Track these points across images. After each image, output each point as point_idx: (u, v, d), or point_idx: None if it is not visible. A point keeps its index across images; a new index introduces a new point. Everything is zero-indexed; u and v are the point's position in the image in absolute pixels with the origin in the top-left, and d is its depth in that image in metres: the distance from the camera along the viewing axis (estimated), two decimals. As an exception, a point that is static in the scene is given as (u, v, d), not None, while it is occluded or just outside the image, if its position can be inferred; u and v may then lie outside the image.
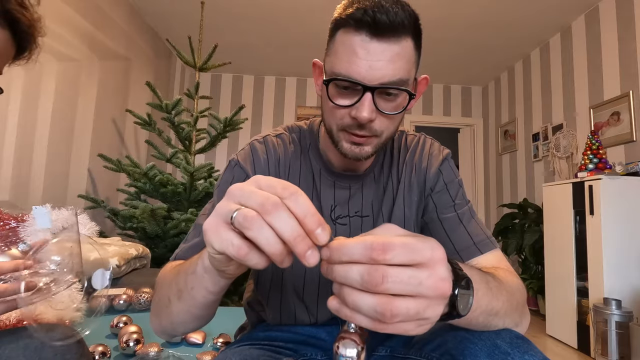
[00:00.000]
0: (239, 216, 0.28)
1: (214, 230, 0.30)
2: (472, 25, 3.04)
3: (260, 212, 0.28)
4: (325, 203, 0.63)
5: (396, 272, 0.26)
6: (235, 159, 0.62)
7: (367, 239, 0.27)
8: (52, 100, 2.04)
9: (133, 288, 1.35)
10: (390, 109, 0.53)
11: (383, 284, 0.26)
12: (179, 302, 0.45)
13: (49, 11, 1.96)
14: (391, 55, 0.49)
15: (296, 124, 0.69)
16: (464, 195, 0.64)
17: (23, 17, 0.56)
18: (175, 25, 3.18)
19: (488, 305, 0.41)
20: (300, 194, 0.29)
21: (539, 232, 2.87)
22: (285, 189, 0.29)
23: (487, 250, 0.58)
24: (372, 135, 0.54)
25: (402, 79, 0.50)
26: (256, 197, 0.29)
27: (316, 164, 0.65)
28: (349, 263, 0.28)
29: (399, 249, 0.27)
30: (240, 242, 0.29)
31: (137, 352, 0.89)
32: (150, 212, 1.93)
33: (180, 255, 0.57)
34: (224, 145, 4.05)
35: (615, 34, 2.53)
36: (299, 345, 0.60)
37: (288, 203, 0.28)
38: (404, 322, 0.27)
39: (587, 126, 2.75)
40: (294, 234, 0.28)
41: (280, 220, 0.28)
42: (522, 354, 0.41)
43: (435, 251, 0.28)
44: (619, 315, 1.90)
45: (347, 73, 0.50)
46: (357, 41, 0.49)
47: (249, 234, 0.28)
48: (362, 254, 0.27)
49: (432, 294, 0.27)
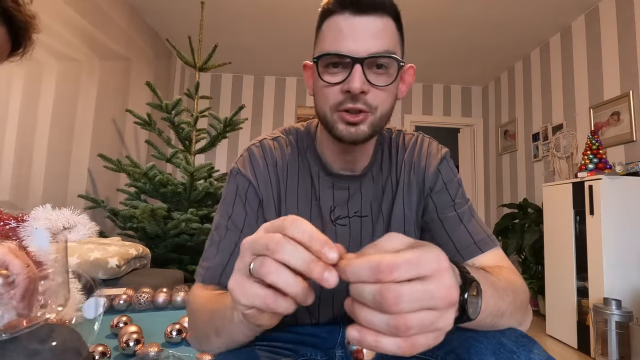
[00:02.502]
0: (255, 265, 0.29)
1: (240, 287, 0.31)
2: (472, 25, 3.04)
3: (269, 255, 0.29)
4: (324, 204, 0.63)
5: (409, 291, 0.26)
6: (236, 168, 0.62)
7: (372, 259, 0.27)
8: (52, 100, 2.04)
9: (133, 288, 1.35)
10: (381, 82, 0.53)
11: (398, 305, 0.26)
12: (218, 338, 0.47)
13: (49, 11, 1.96)
14: (376, 30, 0.51)
15: (293, 126, 0.69)
16: (463, 194, 0.64)
17: (18, 14, 0.58)
18: (175, 25, 3.18)
19: (495, 307, 0.41)
20: (299, 220, 0.30)
21: (539, 232, 2.87)
22: (284, 221, 0.30)
23: (488, 249, 0.58)
24: (366, 112, 0.54)
25: (389, 50, 0.52)
26: (262, 241, 0.30)
27: (314, 166, 0.64)
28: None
29: (404, 266, 0.27)
30: (265, 291, 0.30)
31: (137, 352, 0.89)
32: (150, 212, 1.93)
33: (208, 279, 0.57)
34: (224, 145, 4.05)
35: (615, 33, 2.53)
36: (298, 346, 0.60)
37: (290, 233, 0.29)
38: (422, 335, 0.27)
39: (587, 126, 2.75)
40: (304, 261, 0.28)
41: (287, 253, 0.28)
42: (527, 352, 0.41)
43: (440, 262, 0.28)
44: (619, 315, 1.90)
45: (335, 49, 0.52)
46: (341, 20, 0.52)
47: (268, 279, 0.29)
48: (368, 275, 0.27)
49: (442, 304, 0.27)
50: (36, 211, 0.50)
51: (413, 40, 3.27)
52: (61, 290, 0.50)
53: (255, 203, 0.60)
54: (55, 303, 0.49)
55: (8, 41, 0.59)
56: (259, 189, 0.61)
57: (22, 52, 0.63)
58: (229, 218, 0.59)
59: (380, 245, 0.30)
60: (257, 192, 0.61)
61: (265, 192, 0.61)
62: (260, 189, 0.61)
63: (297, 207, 0.62)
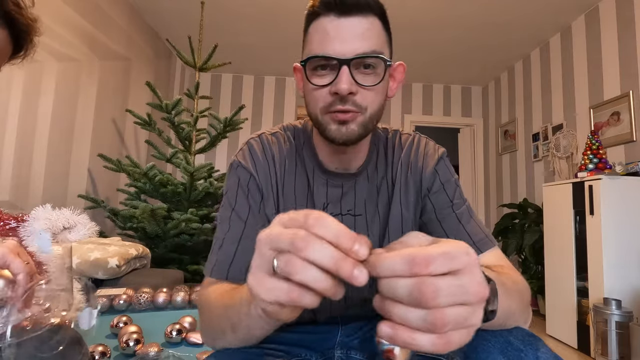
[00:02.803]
0: (280, 263, 0.28)
1: (260, 284, 0.30)
2: (472, 25, 3.04)
3: (294, 252, 0.28)
4: (317, 201, 0.63)
5: (446, 285, 0.26)
6: (237, 161, 0.62)
7: (406, 253, 0.27)
8: (52, 100, 2.04)
9: (133, 288, 1.35)
10: (369, 82, 0.53)
11: (435, 299, 0.26)
12: (234, 334, 0.45)
13: (49, 11, 1.96)
14: (362, 30, 0.51)
15: (291, 124, 0.69)
16: (461, 194, 0.64)
17: (21, 17, 0.58)
18: (175, 25, 3.18)
19: (507, 306, 0.42)
20: (326, 217, 0.29)
21: (539, 232, 2.87)
22: (308, 217, 0.29)
23: (487, 249, 0.58)
24: (356, 111, 0.54)
25: (375, 50, 0.52)
26: (285, 238, 0.28)
27: (310, 163, 0.65)
28: (392, 277, 0.27)
29: (440, 259, 0.26)
30: (289, 286, 0.28)
31: (137, 352, 0.89)
32: (150, 212, 1.93)
33: (216, 272, 0.56)
34: (224, 145, 4.05)
35: (615, 34, 2.53)
36: (292, 347, 0.60)
37: (316, 231, 0.28)
38: (456, 331, 0.27)
39: (587, 126, 2.75)
40: (333, 259, 0.27)
41: (316, 252, 0.27)
42: (534, 350, 0.41)
43: (470, 256, 0.27)
44: (619, 315, 1.90)
45: (321, 51, 0.52)
46: (326, 22, 0.52)
47: (296, 278, 0.28)
48: (403, 269, 0.26)
49: (474, 299, 0.27)
50: (36, 211, 0.50)
51: (413, 41, 3.27)
52: (64, 294, 0.50)
53: (257, 194, 0.61)
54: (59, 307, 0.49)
55: (9, 44, 0.59)
56: (259, 181, 0.61)
57: (23, 55, 0.64)
58: (233, 210, 0.59)
59: (406, 242, 0.30)
60: (258, 184, 0.61)
61: (265, 185, 0.62)
62: (261, 181, 0.61)
63: (295, 201, 0.63)
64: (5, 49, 0.59)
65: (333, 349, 0.63)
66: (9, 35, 0.58)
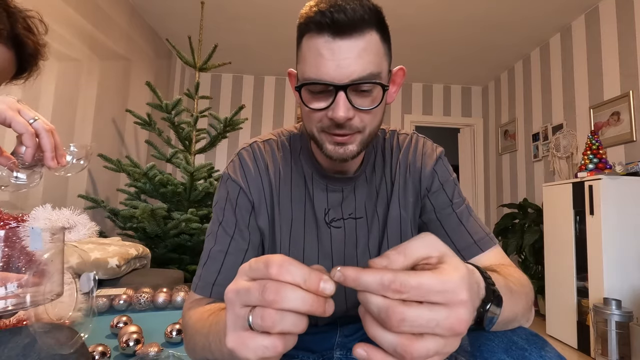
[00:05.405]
0: (256, 319, 0.28)
1: (243, 345, 0.29)
2: (472, 25, 3.04)
3: (267, 305, 0.27)
4: (318, 207, 0.63)
5: (415, 314, 0.26)
6: (227, 173, 0.62)
7: (385, 276, 0.27)
8: (52, 100, 2.04)
9: (133, 288, 1.35)
10: (366, 105, 0.51)
11: (400, 327, 0.26)
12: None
13: (49, 11, 1.96)
14: (357, 52, 0.48)
15: (287, 129, 0.69)
16: (460, 193, 0.64)
17: (30, 42, 0.59)
18: (175, 25, 3.18)
19: (511, 312, 0.42)
20: (288, 262, 0.28)
21: (539, 232, 2.87)
22: (269, 265, 0.28)
23: (488, 248, 0.58)
24: (354, 133, 0.53)
25: (372, 72, 0.49)
26: (254, 292, 0.28)
27: (308, 168, 0.64)
28: None
29: (413, 291, 0.26)
30: (271, 340, 0.28)
31: (137, 352, 0.89)
32: (150, 212, 1.93)
33: (200, 289, 0.56)
34: (224, 145, 4.05)
35: (615, 34, 2.53)
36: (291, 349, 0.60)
37: (283, 278, 0.28)
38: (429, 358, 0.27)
39: (587, 126, 2.75)
40: (306, 304, 0.27)
41: (289, 301, 0.27)
42: (538, 350, 0.41)
43: (459, 294, 0.27)
44: (619, 315, 1.90)
45: (316, 76, 0.49)
46: (320, 43, 0.49)
47: (276, 330, 0.27)
48: (376, 289, 0.27)
49: (447, 334, 0.27)
50: (36, 211, 0.50)
51: (413, 41, 3.27)
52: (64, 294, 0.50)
53: (245, 209, 0.60)
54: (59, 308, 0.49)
55: (14, 65, 0.60)
56: (250, 193, 0.60)
57: (26, 77, 0.64)
58: (220, 224, 0.59)
59: (410, 246, 0.29)
60: (248, 197, 0.60)
61: (257, 196, 0.61)
62: (252, 193, 0.61)
63: (291, 210, 0.62)
64: (9, 69, 0.59)
65: (332, 349, 0.63)
66: (14, 57, 0.58)
